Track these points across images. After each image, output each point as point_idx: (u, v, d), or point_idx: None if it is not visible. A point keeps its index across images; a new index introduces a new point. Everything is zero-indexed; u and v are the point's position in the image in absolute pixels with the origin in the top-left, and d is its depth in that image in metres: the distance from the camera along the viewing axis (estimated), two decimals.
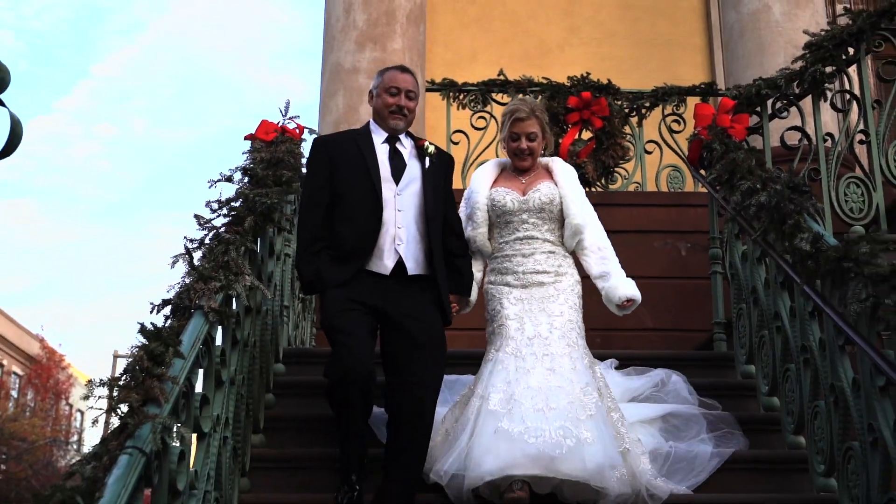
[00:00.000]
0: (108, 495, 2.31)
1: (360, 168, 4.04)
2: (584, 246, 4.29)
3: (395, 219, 4.00)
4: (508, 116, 4.37)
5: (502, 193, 4.29)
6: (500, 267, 4.28)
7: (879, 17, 5.62)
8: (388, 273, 3.96)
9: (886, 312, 3.49)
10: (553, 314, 4.06)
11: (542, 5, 10.21)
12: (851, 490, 3.89)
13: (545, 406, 3.70)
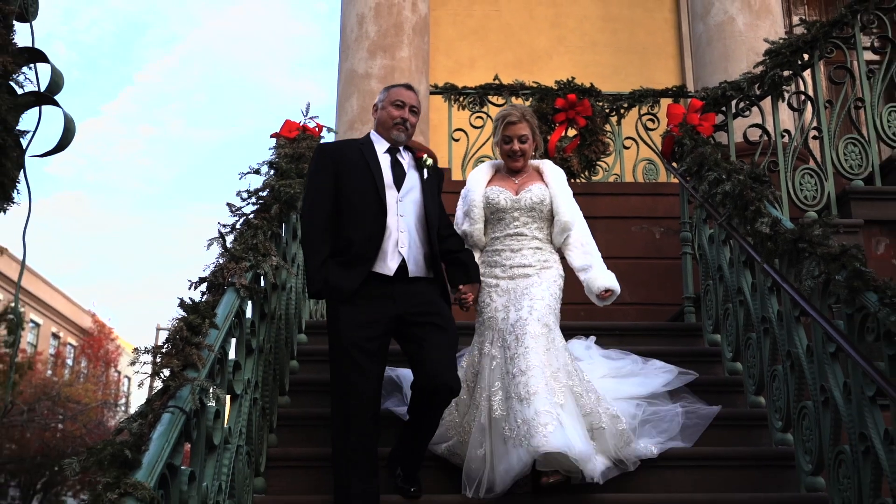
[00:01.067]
0: (153, 449, 2.32)
1: (364, 174, 3.87)
2: (570, 242, 4.19)
3: (397, 223, 3.84)
4: (501, 121, 4.27)
5: (497, 192, 4.19)
6: (489, 260, 4.18)
7: (831, 27, 5.61)
8: (392, 274, 3.78)
9: (836, 287, 3.50)
10: (535, 297, 3.95)
11: (532, 18, 10.20)
12: (806, 444, 3.90)
13: (526, 393, 3.61)
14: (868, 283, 3.32)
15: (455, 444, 3.94)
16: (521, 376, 3.67)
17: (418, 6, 7.68)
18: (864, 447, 3.34)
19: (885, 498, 3.21)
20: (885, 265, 5.11)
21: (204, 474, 2.86)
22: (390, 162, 3.97)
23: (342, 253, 3.75)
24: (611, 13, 10.28)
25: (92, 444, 2.43)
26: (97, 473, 2.15)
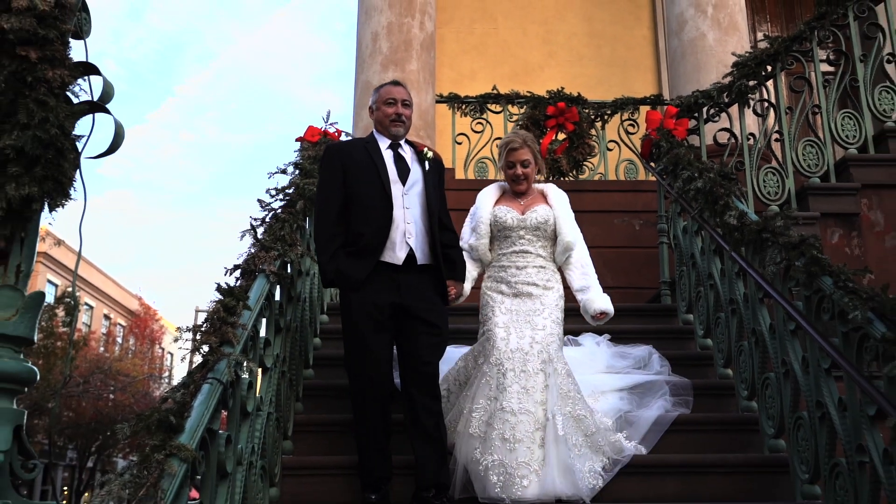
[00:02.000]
0: (194, 415, 2.33)
1: (370, 171, 3.69)
2: (571, 261, 4.00)
3: (403, 215, 3.66)
4: (504, 147, 4.08)
5: (504, 211, 3.98)
6: (496, 275, 3.97)
7: (791, 42, 5.60)
8: (401, 263, 3.62)
9: (796, 272, 3.50)
10: (536, 327, 3.74)
11: (526, 35, 10.19)
12: (768, 410, 3.90)
13: (511, 437, 3.42)
14: (824, 269, 3.32)
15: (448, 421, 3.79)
16: (511, 416, 3.49)
17: (425, 25, 7.66)
18: (821, 413, 3.34)
19: (839, 458, 3.22)
20: (838, 253, 5.10)
21: (239, 437, 2.87)
22: (393, 157, 3.80)
23: (352, 244, 3.62)
24: (595, 30, 10.26)
25: (140, 411, 2.44)
26: (145, 437, 2.16)
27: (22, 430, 1.78)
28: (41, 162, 1.80)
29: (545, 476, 3.36)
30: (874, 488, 2.97)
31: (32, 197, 1.81)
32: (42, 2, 1.82)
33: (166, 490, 1.96)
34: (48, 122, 1.81)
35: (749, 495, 3.68)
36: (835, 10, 5.59)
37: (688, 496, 3.66)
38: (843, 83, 5.55)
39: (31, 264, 1.88)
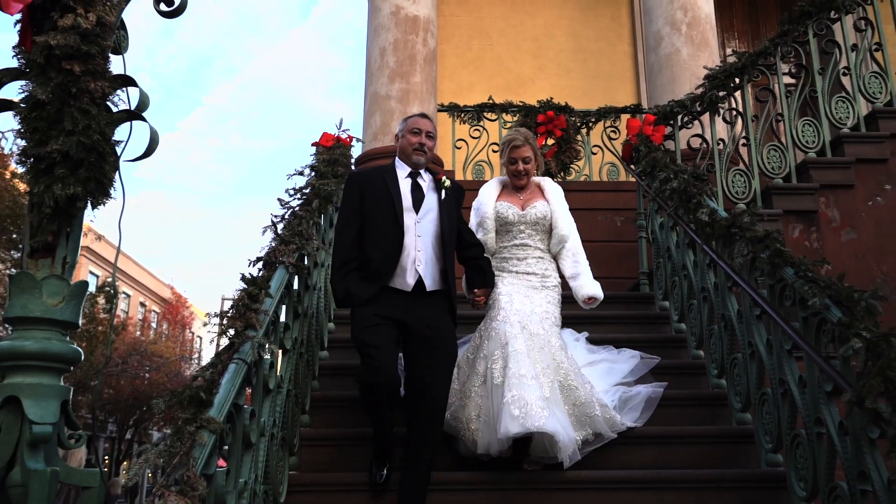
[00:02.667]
0: (222, 392, 2.33)
1: (385, 199, 3.52)
2: (564, 251, 3.91)
3: (414, 243, 3.49)
4: (507, 145, 3.98)
5: (506, 207, 3.90)
6: (499, 265, 3.88)
7: (757, 56, 5.58)
8: (410, 290, 3.45)
9: (761, 263, 3.49)
10: (535, 303, 3.71)
11: (518, 51, 10.18)
12: (736, 387, 3.90)
13: (527, 373, 3.35)
14: (786, 260, 3.32)
15: (456, 408, 3.61)
16: (522, 356, 3.44)
17: (428, 41, 7.65)
18: (783, 390, 3.35)
19: (799, 429, 3.22)
20: (799, 246, 5.10)
21: (262, 412, 2.87)
22: (411, 186, 3.62)
23: (364, 269, 3.47)
24: (581, 46, 10.24)
25: (173, 389, 2.45)
26: (178, 411, 2.16)
27: (68, 404, 1.79)
28: (84, 165, 1.81)
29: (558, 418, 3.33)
30: (830, 457, 2.97)
31: (77, 196, 1.81)
32: (85, 21, 1.82)
33: (197, 458, 1.97)
34: (90, 128, 1.81)
35: (718, 463, 3.69)
36: (796, 28, 5.58)
37: (663, 463, 3.66)
38: (803, 94, 5.54)
39: (75, 257, 1.88)
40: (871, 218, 5.26)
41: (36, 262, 1.83)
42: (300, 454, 3.65)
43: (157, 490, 1.80)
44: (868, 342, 2.57)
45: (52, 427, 1.71)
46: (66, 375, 1.82)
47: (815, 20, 5.58)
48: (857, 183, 5.31)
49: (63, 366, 1.79)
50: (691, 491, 3.43)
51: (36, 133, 1.81)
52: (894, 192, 5.32)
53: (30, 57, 1.84)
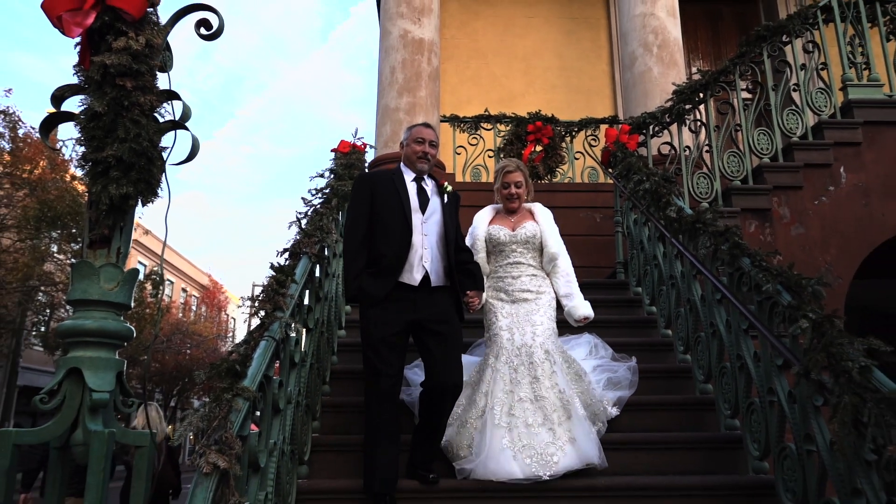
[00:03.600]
0: (254, 364, 2.33)
1: (394, 200, 3.34)
2: (557, 271, 3.69)
3: (421, 241, 3.31)
4: (500, 171, 3.84)
5: (497, 229, 3.71)
6: (495, 285, 3.66)
7: (718, 75, 5.58)
8: (417, 284, 3.26)
9: (722, 254, 3.50)
10: (536, 324, 3.46)
11: (511, 69, 10.15)
12: (699, 361, 3.92)
13: (534, 422, 3.15)
14: (743, 251, 3.33)
15: (453, 432, 3.37)
16: (530, 404, 3.21)
17: (432, 61, 7.62)
18: (740, 364, 3.36)
19: (754, 398, 3.23)
20: (754, 240, 5.10)
21: (288, 382, 2.88)
22: (416, 189, 3.43)
23: (374, 265, 3.26)
24: (565, 65, 10.21)
25: (212, 362, 2.45)
26: (217, 381, 2.16)
27: (122, 375, 1.79)
28: (135, 168, 1.81)
29: (579, 447, 3.11)
30: (780, 421, 2.99)
31: (129, 195, 1.82)
32: (136, 43, 1.82)
33: (233, 422, 1.98)
34: (141, 136, 1.81)
35: (683, 427, 3.69)
36: (752, 49, 5.56)
37: (633, 428, 3.66)
38: (758, 107, 5.53)
39: (128, 248, 1.89)
40: (816, 215, 5.26)
41: (94, 252, 1.83)
42: (322, 419, 3.66)
43: (199, 449, 1.81)
44: (814, 322, 2.58)
45: (108, 394, 1.72)
46: (119, 350, 1.83)
47: (769, 43, 5.57)
48: (805, 185, 5.31)
49: (118, 342, 1.79)
50: (662, 452, 3.44)
51: (93, 140, 1.81)
52: (837, 193, 5.31)
53: (88, 74, 1.85)
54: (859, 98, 5.53)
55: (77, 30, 1.82)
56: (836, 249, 5.17)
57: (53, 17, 1.81)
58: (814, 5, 5.76)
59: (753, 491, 3.11)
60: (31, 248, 18.05)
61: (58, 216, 17.33)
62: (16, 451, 1.67)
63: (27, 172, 17.26)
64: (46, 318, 21.85)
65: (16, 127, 17.35)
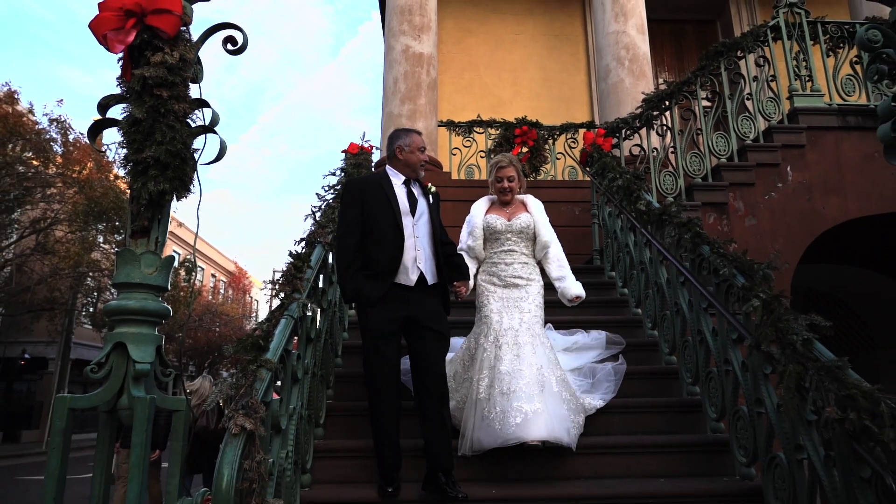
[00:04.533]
0: (276, 340, 2.34)
1: (385, 204, 3.06)
2: (549, 257, 3.52)
3: (413, 243, 3.05)
4: (494, 166, 3.63)
5: (494, 218, 3.53)
6: (489, 269, 3.49)
7: (682, 85, 5.56)
8: (413, 285, 3.00)
9: (685, 242, 3.50)
10: (524, 311, 3.29)
11: (500, 80, 10.12)
12: (665, 336, 3.92)
13: (508, 389, 2.99)
14: (704, 240, 3.33)
15: (455, 406, 3.25)
16: (507, 376, 3.05)
17: (430, 72, 7.59)
18: (700, 338, 3.37)
19: (712, 367, 3.25)
20: (713, 230, 5.11)
21: (305, 355, 2.89)
22: (406, 193, 3.15)
23: (369, 268, 2.98)
24: (548, 76, 10.18)
25: (238, 338, 2.46)
26: (243, 354, 2.17)
27: (161, 349, 1.80)
28: (171, 167, 1.81)
29: (549, 420, 2.93)
30: (735, 388, 3.00)
31: (165, 191, 1.81)
32: (171, 57, 1.81)
33: (258, 389, 1.99)
34: (175, 139, 1.81)
35: (651, 394, 3.71)
36: (711, 63, 5.54)
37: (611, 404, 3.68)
38: (717, 113, 5.52)
39: (165, 237, 1.89)
40: (767, 208, 5.26)
41: (136, 241, 1.83)
42: (335, 388, 3.67)
43: (228, 413, 1.82)
44: (764, 302, 2.59)
45: (149, 365, 1.72)
46: (158, 327, 1.83)
47: (726, 57, 5.56)
48: (757, 182, 5.31)
49: (157, 319, 1.80)
50: (632, 415, 3.44)
51: (134, 143, 1.81)
52: (784, 189, 5.32)
53: (129, 85, 1.84)
54: (803, 106, 5.52)
55: (120, 46, 1.81)
56: (783, 238, 5.18)
57: (99, 36, 1.80)
58: (764, 25, 5.75)
59: (711, 448, 3.14)
60: (80, 240, 18.07)
61: (103, 211, 17.35)
62: (71, 413, 1.67)
63: (76, 173, 17.24)
64: (94, 300, 21.85)
65: (66, 133, 17.31)
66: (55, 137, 17.16)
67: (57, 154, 17.23)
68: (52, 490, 1.60)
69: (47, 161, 17.08)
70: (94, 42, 1.83)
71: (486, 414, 2.99)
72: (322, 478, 3.03)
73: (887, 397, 1.91)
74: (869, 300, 7.98)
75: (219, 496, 1.63)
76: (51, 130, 17.09)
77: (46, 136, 16.96)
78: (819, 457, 2.22)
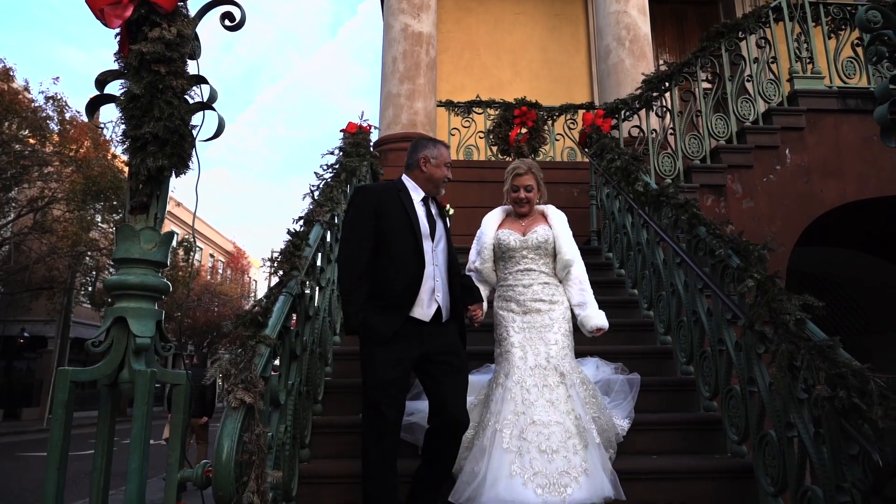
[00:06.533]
0: (274, 316, 2.35)
1: (405, 223, 2.64)
2: (570, 277, 3.02)
3: (433, 272, 2.64)
4: (510, 173, 3.11)
5: (507, 234, 3.03)
6: (505, 294, 2.98)
7: (682, 66, 5.54)
8: (429, 320, 2.60)
9: (681, 223, 3.51)
10: (549, 343, 2.80)
11: (500, 60, 10.04)
12: (661, 316, 3.95)
13: (548, 447, 2.50)
14: (700, 221, 3.35)
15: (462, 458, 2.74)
16: (545, 428, 2.55)
17: (430, 52, 7.53)
18: (695, 318, 3.40)
19: (706, 348, 3.28)
20: (711, 212, 5.12)
21: (304, 332, 2.90)
22: (425, 213, 2.74)
23: (380, 297, 2.56)
24: (548, 57, 10.11)
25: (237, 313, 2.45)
26: (242, 330, 2.18)
27: (161, 324, 1.81)
28: (169, 143, 1.81)
29: (594, 479, 2.47)
30: (728, 367, 3.04)
31: (164, 167, 1.82)
32: (168, 33, 1.81)
33: (257, 364, 2.01)
34: (174, 116, 1.81)
35: (647, 373, 3.72)
36: (712, 44, 5.52)
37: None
38: (716, 95, 5.51)
39: (164, 213, 1.89)
40: (765, 191, 5.27)
41: (135, 217, 1.84)
42: (333, 365, 3.70)
43: (228, 387, 1.85)
44: (758, 282, 2.61)
45: (150, 339, 1.74)
46: (158, 303, 1.85)
47: (727, 39, 5.53)
48: (756, 164, 5.32)
49: (156, 294, 1.81)
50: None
51: (133, 119, 1.81)
52: (783, 172, 5.33)
53: (127, 61, 1.83)
54: (804, 88, 5.51)
55: (117, 21, 1.80)
56: (780, 221, 5.20)
57: (96, 11, 1.80)
58: (766, 6, 5.71)
59: (704, 426, 3.18)
60: (78, 219, 18.07)
61: (101, 190, 17.34)
62: (73, 386, 1.69)
63: (74, 151, 17.18)
64: (93, 279, 21.88)
65: (63, 111, 17.22)
66: (51, 115, 17.07)
67: (53, 132, 17.16)
68: (56, 460, 1.63)
69: (44, 139, 17.02)
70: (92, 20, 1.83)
71: (518, 471, 2.47)
72: (321, 453, 3.07)
73: (876, 376, 1.94)
74: (864, 284, 8.03)
75: (219, 467, 1.66)
76: (47, 108, 17.01)
77: (43, 113, 16.88)
78: (809, 434, 2.26)
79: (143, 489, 1.69)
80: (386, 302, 2.55)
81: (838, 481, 2.09)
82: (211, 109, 1.95)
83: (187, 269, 21.16)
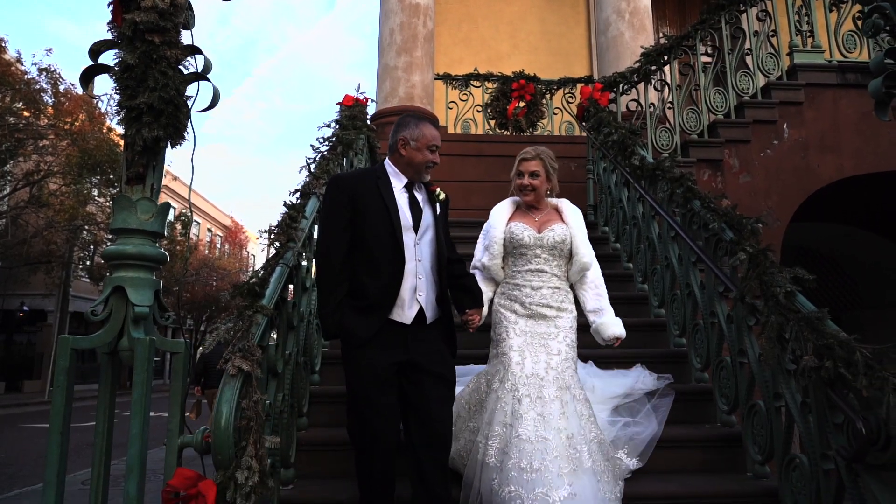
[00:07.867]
0: (271, 287, 2.36)
1: (382, 215, 2.38)
2: (586, 281, 2.80)
3: (415, 269, 2.39)
4: (518, 157, 2.88)
5: (521, 228, 2.75)
6: (510, 293, 2.72)
7: (681, 39, 5.50)
8: (410, 322, 2.36)
9: (677, 197, 3.53)
10: (552, 352, 2.55)
11: (498, 32, 9.96)
12: (655, 290, 3.99)
13: (528, 466, 2.26)
14: (695, 194, 3.36)
15: (454, 452, 2.57)
16: (528, 444, 2.32)
17: (427, 24, 7.45)
18: (688, 291, 3.43)
19: (698, 320, 3.32)
20: (708, 186, 5.13)
21: (301, 303, 2.91)
22: (408, 200, 2.47)
23: (357, 297, 2.35)
24: (546, 30, 10.02)
25: (235, 284, 2.47)
26: (240, 300, 2.20)
27: (159, 293, 1.83)
28: (164, 114, 1.81)
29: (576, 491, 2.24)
30: (719, 339, 3.09)
31: (159, 137, 1.82)
32: (162, 2, 1.80)
33: (255, 334, 2.03)
34: (168, 86, 1.80)
35: (642, 345, 3.78)
36: (712, 17, 5.47)
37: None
38: (715, 69, 5.48)
39: (160, 183, 1.90)
40: (762, 166, 5.28)
41: (131, 187, 1.85)
42: None
43: (226, 355, 1.88)
44: (750, 255, 2.64)
45: (148, 308, 1.77)
46: (156, 273, 1.87)
47: (727, 11, 5.48)
48: (753, 139, 5.31)
49: (154, 264, 1.83)
50: (623, 364, 3.51)
51: (127, 90, 1.80)
52: (780, 146, 5.32)
53: (121, 31, 1.83)
54: (803, 62, 5.48)
55: None
56: (777, 196, 5.22)
57: None
58: None
59: (696, 396, 3.24)
60: (74, 192, 18.00)
61: (97, 163, 17.24)
62: (73, 353, 1.73)
63: (68, 124, 17.04)
64: (91, 253, 21.89)
65: (57, 83, 17.05)
66: (45, 88, 16.90)
67: (48, 105, 17.00)
68: (58, 425, 1.66)
69: (38, 112, 16.88)
70: None
71: (496, 489, 2.29)
72: (318, 422, 3.13)
73: (863, 347, 1.97)
74: (858, 259, 8.07)
75: (218, 433, 1.70)
76: (41, 80, 16.84)
77: (36, 86, 16.71)
78: (796, 404, 2.31)
79: (145, 453, 1.73)
80: (364, 303, 2.34)
81: (823, 449, 2.14)
82: (205, 80, 1.94)
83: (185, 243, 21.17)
